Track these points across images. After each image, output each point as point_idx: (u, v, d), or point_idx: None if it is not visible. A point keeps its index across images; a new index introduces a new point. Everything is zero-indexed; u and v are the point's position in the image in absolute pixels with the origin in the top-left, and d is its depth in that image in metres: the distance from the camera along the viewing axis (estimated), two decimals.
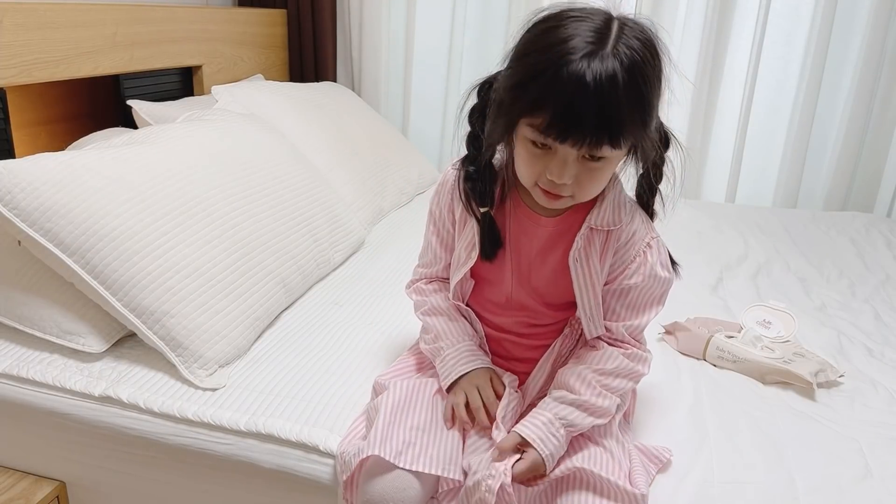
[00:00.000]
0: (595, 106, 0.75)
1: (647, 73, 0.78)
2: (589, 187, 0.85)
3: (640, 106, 0.78)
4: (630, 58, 0.76)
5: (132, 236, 1.12)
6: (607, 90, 0.74)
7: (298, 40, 2.50)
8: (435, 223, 1.03)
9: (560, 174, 0.81)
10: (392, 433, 0.89)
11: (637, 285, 0.93)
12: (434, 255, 1.05)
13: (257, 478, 1.02)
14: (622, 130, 0.77)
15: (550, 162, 0.81)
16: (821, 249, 1.86)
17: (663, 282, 0.94)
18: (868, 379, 1.21)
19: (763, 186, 2.39)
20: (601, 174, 0.83)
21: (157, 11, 1.81)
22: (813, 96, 2.20)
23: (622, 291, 0.94)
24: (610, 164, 0.83)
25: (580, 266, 0.92)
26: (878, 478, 0.96)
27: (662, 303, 0.96)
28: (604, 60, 0.74)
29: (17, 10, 1.41)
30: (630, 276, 0.93)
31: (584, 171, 0.82)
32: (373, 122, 2.20)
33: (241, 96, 1.78)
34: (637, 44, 0.77)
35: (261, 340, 1.25)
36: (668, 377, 1.19)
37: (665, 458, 0.96)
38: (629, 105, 0.76)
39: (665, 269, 0.94)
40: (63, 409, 1.10)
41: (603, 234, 0.92)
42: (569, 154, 0.80)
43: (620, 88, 0.75)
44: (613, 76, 0.74)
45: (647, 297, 0.94)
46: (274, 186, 1.43)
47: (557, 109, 0.76)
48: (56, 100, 1.71)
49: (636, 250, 0.92)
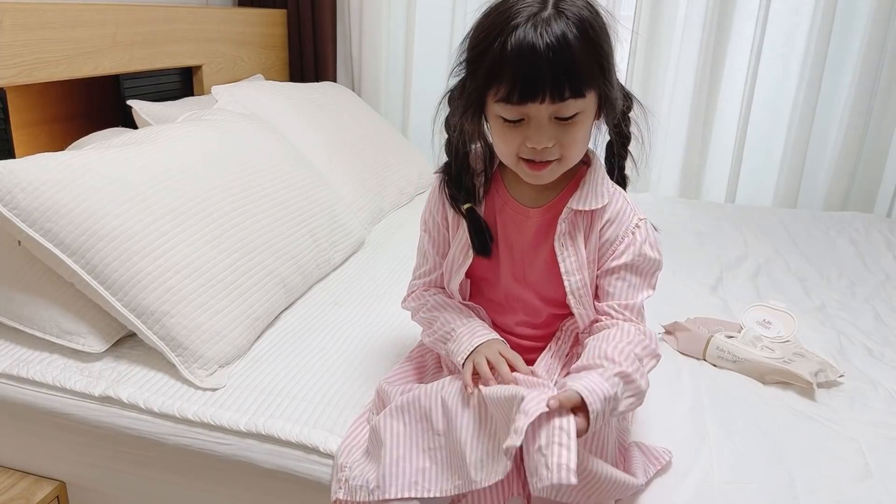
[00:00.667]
0: (548, 59, 0.77)
1: (594, 24, 0.81)
2: (572, 147, 0.85)
3: (594, 52, 0.81)
4: (574, 13, 0.79)
5: (132, 236, 1.12)
6: (556, 42, 0.77)
7: (298, 40, 2.50)
8: (429, 232, 1.03)
9: (538, 139, 0.83)
10: (403, 467, 0.86)
11: (628, 264, 0.93)
12: (433, 263, 1.04)
13: (257, 478, 1.02)
14: (581, 77, 0.79)
15: (527, 130, 0.83)
16: (821, 249, 1.86)
17: (653, 262, 0.94)
18: (868, 379, 1.21)
19: (763, 186, 2.39)
20: (578, 130, 0.84)
21: (157, 11, 1.81)
22: (813, 96, 2.20)
23: (613, 270, 0.93)
24: (584, 118, 0.84)
25: (565, 249, 0.93)
26: (878, 478, 0.96)
27: (653, 286, 0.96)
28: (548, 18, 0.78)
29: (17, 10, 1.41)
30: (619, 256, 0.93)
31: (561, 131, 0.83)
32: (373, 122, 2.20)
33: (241, 96, 1.78)
34: (577, 4, 0.81)
35: (261, 340, 1.25)
36: (668, 377, 1.19)
37: (665, 460, 0.96)
38: (581, 53, 0.79)
39: (654, 249, 0.94)
40: (63, 409, 1.10)
41: (587, 217, 0.93)
42: (541, 116, 0.82)
43: (570, 38, 0.78)
44: (561, 30, 0.78)
45: (639, 276, 0.94)
46: (274, 186, 1.43)
47: (514, 72, 0.79)
48: (56, 100, 1.71)
49: (624, 230, 0.93)
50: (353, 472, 0.91)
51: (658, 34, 2.26)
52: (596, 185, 0.93)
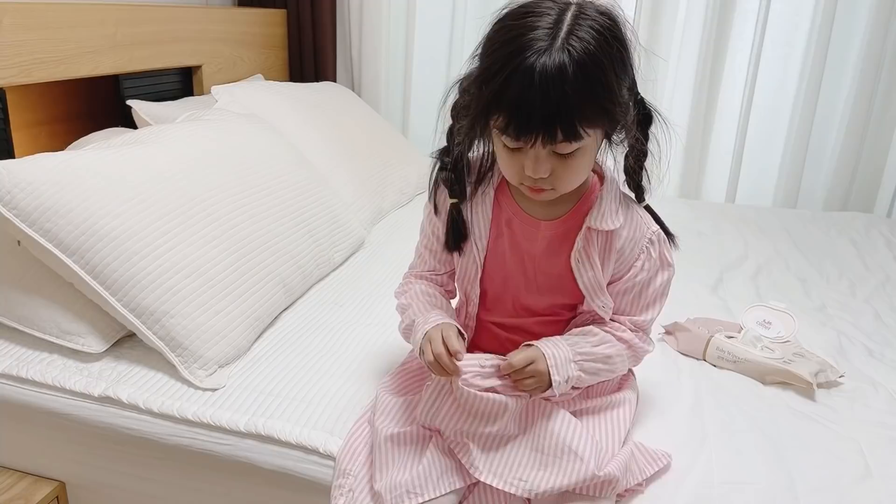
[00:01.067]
0: (542, 103, 0.76)
1: (602, 61, 0.77)
2: (566, 179, 0.85)
3: (596, 94, 0.78)
4: (583, 49, 0.76)
5: (132, 236, 1.12)
6: (553, 86, 0.75)
7: (298, 40, 2.50)
8: (427, 234, 1.04)
9: (534, 170, 0.82)
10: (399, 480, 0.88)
11: (643, 281, 0.96)
12: (429, 265, 1.05)
13: (257, 478, 1.02)
14: (576, 123, 0.77)
15: (525, 159, 0.83)
16: (821, 250, 1.86)
17: (667, 274, 0.97)
18: (868, 379, 1.21)
19: (763, 186, 2.39)
20: (576, 165, 0.84)
21: (157, 11, 1.81)
22: (813, 96, 2.20)
23: (627, 290, 0.97)
24: (584, 153, 0.83)
25: (583, 266, 0.93)
26: (878, 478, 0.96)
27: (666, 294, 0.99)
28: (552, 55, 0.75)
29: (17, 10, 1.41)
30: (636, 275, 0.95)
31: (558, 164, 0.83)
32: (373, 122, 2.20)
33: (241, 96, 1.78)
34: (593, 34, 0.77)
35: (261, 341, 1.25)
36: (668, 377, 1.19)
37: (663, 463, 0.95)
38: (581, 96, 0.77)
39: (666, 262, 0.97)
40: (63, 410, 1.10)
41: (603, 235, 0.93)
42: (538, 150, 0.81)
43: (569, 82, 0.75)
44: (561, 70, 0.75)
45: (652, 292, 0.97)
46: (274, 186, 1.43)
47: (510, 109, 0.78)
48: (56, 100, 1.71)
49: (640, 248, 0.95)
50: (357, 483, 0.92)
51: (658, 34, 2.26)
52: (611, 202, 0.93)
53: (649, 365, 1.21)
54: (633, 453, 0.93)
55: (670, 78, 2.31)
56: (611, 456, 0.91)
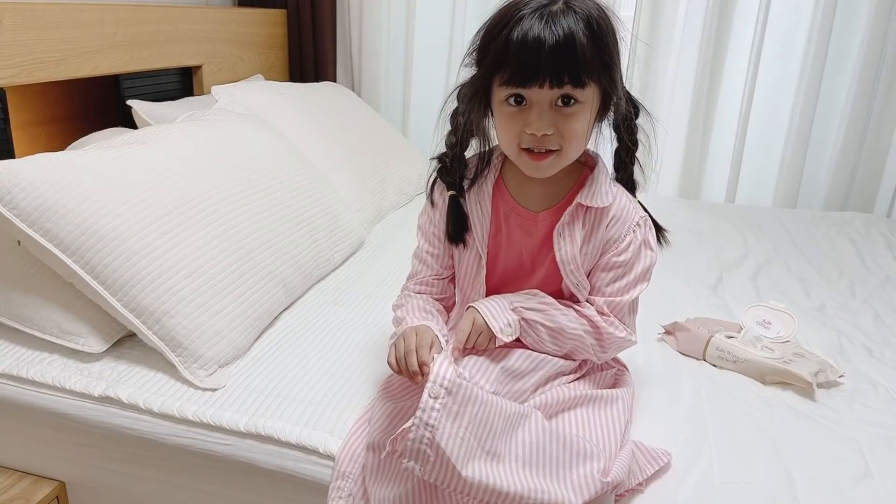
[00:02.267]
0: (550, 46, 0.81)
1: (601, 22, 0.84)
2: (571, 138, 0.88)
3: (597, 47, 0.84)
4: (583, 9, 0.83)
5: (132, 236, 1.12)
6: (560, 31, 0.81)
7: (298, 40, 2.50)
8: (427, 237, 1.06)
9: (538, 125, 0.86)
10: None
11: (626, 262, 0.97)
12: (431, 271, 1.07)
13: (257, 478, 1.02)
14: (581, 67, 0.82)
15: (528, 116, 0.86)
16: (821, 250, 1.86)
17: (650, 259, 0.99)
18: (868, 379, 1.21)
19: (763, 186, 2.39)
20: (577, 121, 0.87)
21: (157, 11, 1.81)
22: (813, 96, 2.20)
23: (610, 267, 0.98)
24: (584, 109, 0.87)
25: (563, 240, 0.96)
26: (878, 478, 0.96)
27: (647, 279, 1.00)
28: (556, 11, 0.82)
29: (17, 10, 1.41)
30: (620, 254, 0.97)
31: (560, 118, 0.86)
32: (373, 122, 2.19)
33: (241, 96, 1.78)
34: (587, 3, 0.84)
35: (261, 341, 1.25)
36: (668, 377, 1.19)
37: (663, 462, 0.95)
38: (584, 45, 0.82)
39: (650, 247, 0.99)
40: (63, 409, 1.10)
41: (592, 214, 0.96)
42: (542, 101, 0.85)
43: (574, 30, 0.81)
44: (567, 22, 0.81)
45: (633, 275, 0.98)
46: (274, 186, 1.43)
47: (518, 58, 0.82)
48: (56, 100, 1.71)
49: (626, 228, 0.97)
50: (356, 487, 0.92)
51: (658, 34, 2.26)
52: (601, 185, 0.97)
53: (649, 365, 1.21)
54: (634, 453, 0.94)
55: (670, 78, 2.31)
56: (609, 454, 0.91)
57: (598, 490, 0.84)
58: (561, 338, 0.98)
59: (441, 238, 1.03)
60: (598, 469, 0.86)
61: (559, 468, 0.86)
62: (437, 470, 0.81)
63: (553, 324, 0.97)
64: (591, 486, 0.84)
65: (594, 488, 0.84)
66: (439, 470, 0.81)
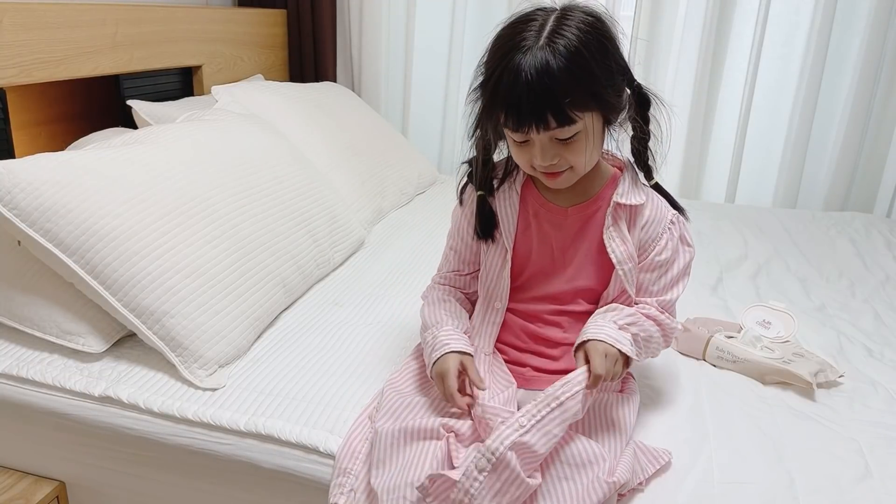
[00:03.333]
0: (529, 93, 0.84)
1: (583, 51, 0.85)
2: (577, 160, 0.92)
3: (581, 81, 0.85)
4: (565, 44, 0.84)
5: (132, 236, 1.12)
6: (539, 77, 0.83)
7: (298, 40, 2.50)
8: (454, 237, 1.10)
9: (541, 158, 0.90)
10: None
11: (666, 261, 1.00)
12: (454, 266, 1.10)
13: (257, 478, 1.02)
14: (565, 108, 0.85)
15: (532, 150, 0.91)
16: (821, 249, 1.86)
17: (689, 255, 1.02)
18: (868, 379, 1.21)
19: (763, 186, 2.39)
20: (580, 146, 0.90)
21: (157, 11, 1.81)
22: (813, 96, 2.20)
23: (652, 267, 1.01)
24: (584, 136, 0.90)
25: (614, 241, 0.99)
26: (878, 478, 0.96)
27: (689, 274, 1.03)
28: (535, 52, 0.84)
29: (17, 10, 1.41)
30: (661, 253, 1.00)
31: (562, 149, 0.90)
32: (373, 122, 2.19)
33: (241, 96, 1.78)
34: (571, 29, 0.85)
35: (261, 340, 1.25)
36: (668, 377, 1.19)
37: (664, 461, 0.96)
38: (567, 84, 0.84)
39: (687, 243, 1.02)
40: (63, 409, 1.10)
41: (627, 212, 1.00)
42: (541, 139, 0.89)
43: (554, 72, 0.83)
44: (545, 64, 0.83)
45: (676, 271, 1.01)
46: (274, 186, 1.43)
47: (505, 105, 0.87)
48: (56, 100, 1.71)
49: (662, 227, 1.00)
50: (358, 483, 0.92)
51: (658, 34, 2.26)
52: (633, 185, 1.01)
53: (649, 365, 1.21)
54: (636, 453, 0.94)
55: (670, 78, 2.31)
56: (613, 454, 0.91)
57: (605, 493, 0.85)
58: (648, 344, 1.00)
59: (464, 237, 1.07)
60: (603, 470, 0.86)
61: (566, 484, 0.87)
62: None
63: (645, 333, 0.98)
64: (598, 490, 0.85)
65: (601, 492, 0.85)
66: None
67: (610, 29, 0.89)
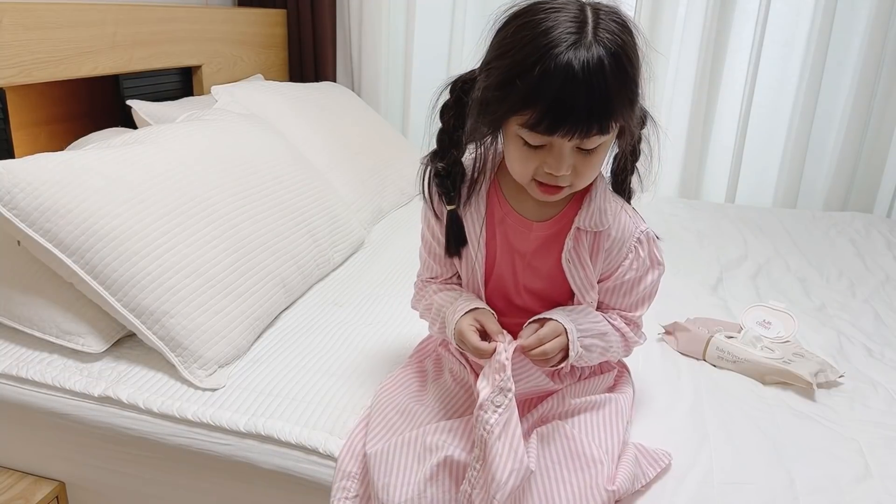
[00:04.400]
0: (586, 96, 0.76)
1: (630, 55, 0.79)
2: (585, 175, 0.86)
3: (627, 88, 0.79)
4: (612, 42, 0.76)
5: (132, 236, 1.12)
6: (596, 78, 0.75)
7: (298, 40, 2.50)
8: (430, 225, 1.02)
9: (558, 167, 0.82)
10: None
11: (631, 279, 0.96)
12: (435, 273, 1.05)
13: (257, 478, 1.02)
14: (611, 116, 0.79)
15: (547, 156, 0.82)
16: (821, 250, 1.86)
17: (657, 273, 0.98)
18: (868, 379, 1.21)
19: (763, 186, 2.39)
20: (596, 160, 0.85)
21: (157, 11, 1.81)
22: (813, 96, 2.20)
23: (616, 288, 0.98)
24: (604, 149, 0.85)
25: (573, 266, 0.94)
26: (878, 478, 0.96)
27: (656, 292, 0.99)
28: (589, 49, 0.75)
29: (17, 10, 1.41)
30: (625, 273, 0.96)
31: (579, 160, 0.83)
32: (373, 122, 2.19)
33: (241, 96, 1.78)
34: (616, 27, 0.78)
35: (260, 340, 1.25)
36: (668, 377, 1.19)
37: (664, 463, 0.95)
38: (617, 89, 0.77)
39: (656, 261, 0.97)
40: (63, 409, 1.10)
41: (591, 235, 0.94)
42: (564, 146, 0.81)
43: (608, 75, 0.76)
44: (600, 63, 0.75)
45: (642, 290, 0.98)
46: (274, 186, 1.43)
47: (549, 103, 0.76)
48: (56, 100, 1.71)
49: (628, 247, 0.95)
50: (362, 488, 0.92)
51: (658, 34, 2.26)
52: (600, 203, 0.93)
53: (649, 365, 1.21)
54: (637, 457, 0.93)
55: (670, 78, 2.31)
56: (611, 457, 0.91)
57: (604, 502, 0.84)
58: (606, 352, 0.98)
59: (442, 244, 1.00)
60: (604, 476, 0.86)
61: (561, 472, 0.86)
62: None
63: (606, 344, 0.96)
64: (598, 498, 0.84)
65: (600, 499, 0.84)
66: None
67: (637, 34, 0.82)
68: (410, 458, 0.89)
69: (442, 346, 1.09)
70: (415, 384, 1.04)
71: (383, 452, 0.90)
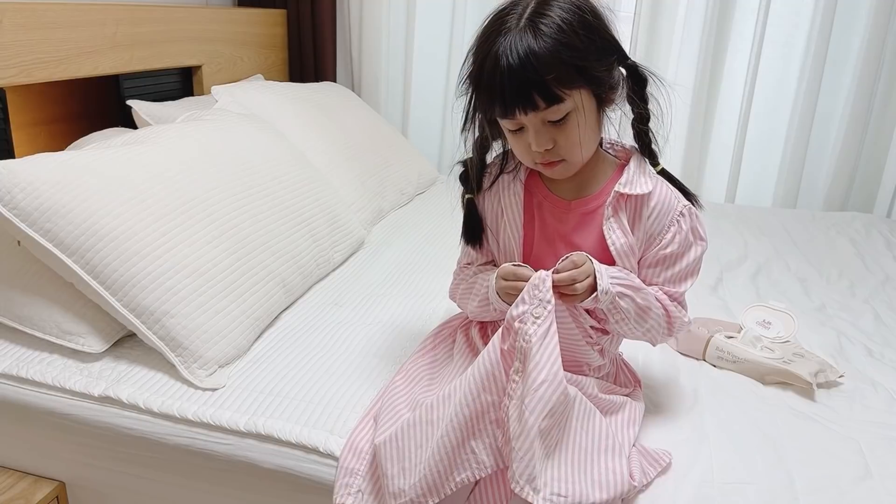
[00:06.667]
0: (511, 75, 0.83)
1: (564, 28, 0.83)
2: (570, 143, 0.89)
3: (565, 57, 0.83)
4: (545, 23, 0.83)
5: (132, 236, 1.12)
6: (519, 57, 0.82)
7: (298, 40, 2.50)
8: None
9: (536, 143, 0.89)
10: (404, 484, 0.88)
11: (674, 254, 0.97)
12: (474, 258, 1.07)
13: (257, 478, 1.02)
14: (551, 86, 0.83)
15: (527, 136, 0.89)
16: (821, 250, 1.86)
17: (700, 249, 0.98)
18: (868, 379, 1.21)
19: (763, 186, 2.39)
20: (572, 130, 0.88)
21: (157, 11, 1.81)
22: (813, 96, 2.20)
23: (659, 262, 0.97)
24: (576, 116, 0.87)
25: (614, 233, 0.95)
26: (878, 478, 0.96)
27: (699, 269, 1.00)
28: (514, 34, 0.83)
29: (17, 10, 1.41)
30: (667, 246, 0.96)
31: (556, 133, 0.88)
32: (373, 122, 2.20)
33: (241, 96, 1.78)
34: (554, 9, 0.84)
35: (261, 340, 1.25)
36: (668, 377, 1.19)
37: (664, 462, 0.96)
38: (549, 61, 0.82)
39: (699, 236, 0.98)
40: (63, 409, 1.10)
41: (632, 203, 0.95)
42: (534, 123, 0.87)
43: (535, 50, 0.82)
44: (524, 43, 0.82)
45: (685, 266, 0.98)
46: (274, 186, 1.43)
47: (493, 90, 0.85)
48: (56, 100, 1.71)
49: (670, 219, 0.96)
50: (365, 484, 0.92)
51: (658, 34, 2.26)
52: (639, 174, 0.96)
53: (649, 365, 1.21)
54: (640, 459, 0.94)
55: (670, 78, 2.30)
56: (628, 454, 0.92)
57: (624, 491, 0.85)
58: (645, 316, 0.95)
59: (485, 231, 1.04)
60: (629, 468, 0.87)
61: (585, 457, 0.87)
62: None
63: (643, 301, 0.94)
64: (619, 485, 0.85)
65: (621, 487, 0.85)
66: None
67: (593, 5, 0.87)
68: (419, 437, 0.89)
69: (462, 330, 1.10)
70: (424, 378, 1.05)
71: (391, 440, 0.91)
